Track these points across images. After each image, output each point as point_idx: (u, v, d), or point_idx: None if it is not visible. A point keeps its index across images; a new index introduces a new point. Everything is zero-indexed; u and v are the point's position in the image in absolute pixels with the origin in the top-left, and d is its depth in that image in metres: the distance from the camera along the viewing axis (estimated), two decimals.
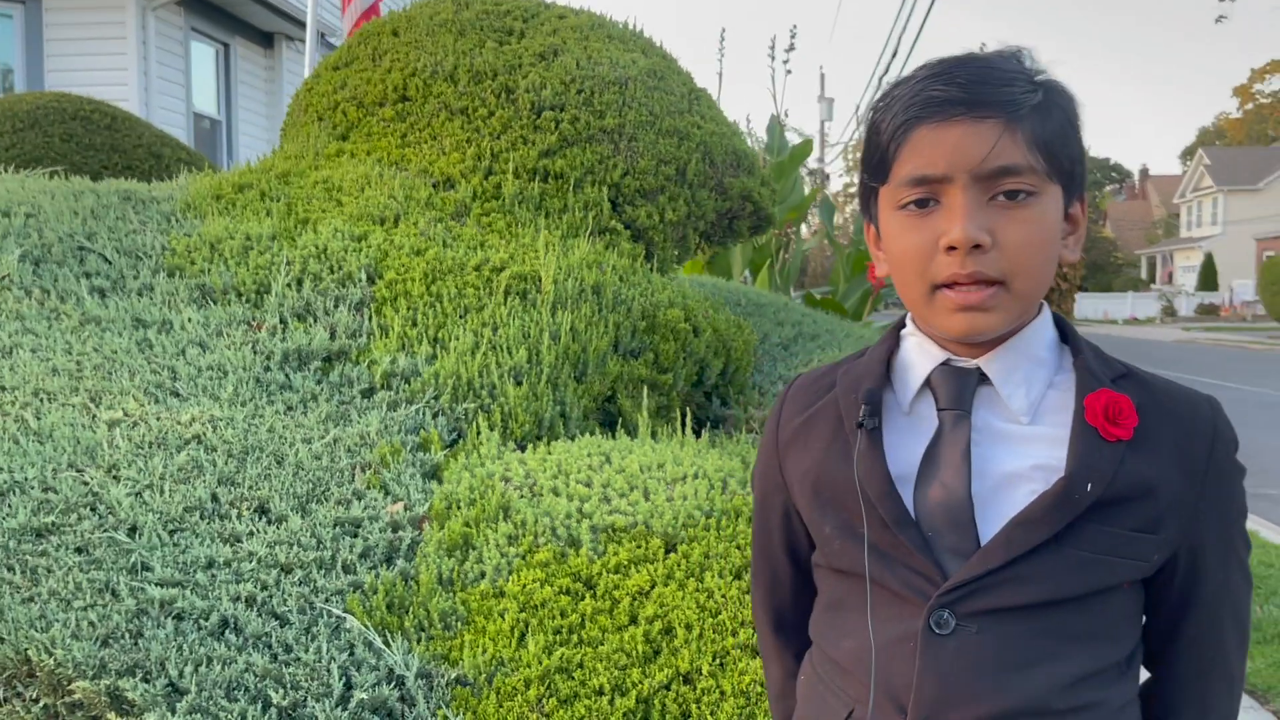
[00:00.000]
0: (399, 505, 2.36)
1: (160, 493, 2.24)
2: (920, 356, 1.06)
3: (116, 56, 10.36)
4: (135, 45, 10.38)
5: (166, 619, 1.93)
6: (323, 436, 2.55)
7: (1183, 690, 1.07)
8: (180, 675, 1.80)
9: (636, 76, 3.90)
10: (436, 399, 2.78)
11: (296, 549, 2.14)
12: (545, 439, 2.76)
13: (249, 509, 2.26)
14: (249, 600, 2.01)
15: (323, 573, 2.11)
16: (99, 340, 2.89)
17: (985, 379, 1.02)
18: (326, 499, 2.33)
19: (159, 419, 2.51)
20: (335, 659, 1.90)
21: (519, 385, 2.84)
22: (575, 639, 1.99)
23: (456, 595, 2.10)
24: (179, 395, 2.69)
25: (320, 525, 2.23)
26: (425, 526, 2.31)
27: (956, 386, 1.03)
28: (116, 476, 2.28)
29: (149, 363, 2.81)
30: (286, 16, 12.26)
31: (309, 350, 2.90)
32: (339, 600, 2.05)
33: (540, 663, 1.92)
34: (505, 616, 2.02)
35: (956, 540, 0.99)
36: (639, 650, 1.96)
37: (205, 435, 2.46)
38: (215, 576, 2.05)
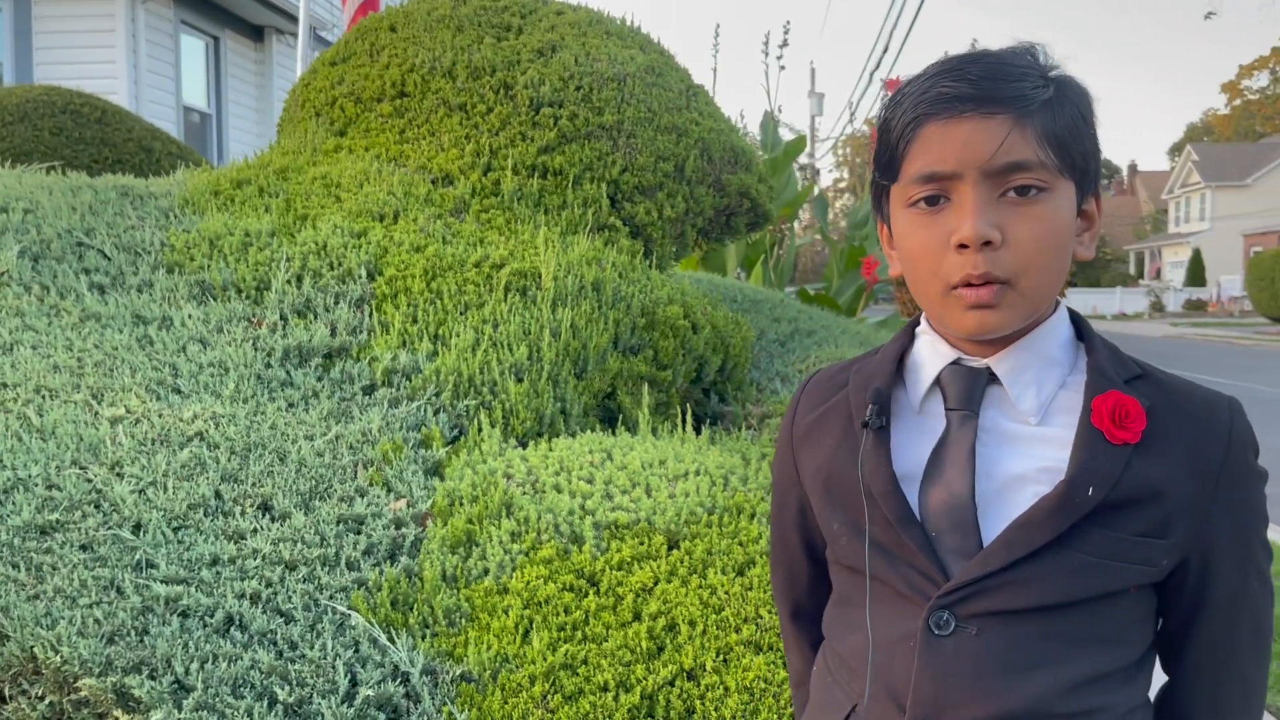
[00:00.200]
0: (402, 502, 2.36)
1: (164, 490, 2.24)
2: (931, 355, 1.05)
3: (106, 49, 10.31)
4: (125, 38, 10.33)
5: (172, 616, 1.92)
6: (325, 433, 2.55)
7: (1195, 696, 1.06)
8: (186, 672, 1.80)
9: (635, 73, 3.89)
10: (438, 396, 2.78)
11: (300, 546, 2.14)
12: (546, 436, 2.76)
13: (252, 506, 2.26)
14: (254, 597, 2.01)
15: (327, 570, 2.11)
16: (99, 337, 2.88)
17: (995, 378, 1.01)
18: (329, 496, 2.33)
19: (161, 416, 2.50)
20: (340, 656, 1.90)
21: (520, 382, 2.84)
22: (579, 635, 1.99)
23: (460, 592, 2.10)
24: (180, 392, 2.69)
25: (324, 522, 2.23)
26: (428, 523, 2.32)
27: (965, 386, 1.02)
28: (120, 474, 2.27)
29: (150, 359, 2.80)
30: (277, 10, 12.22)
31: (310, 347, 2.90)
32: (343, 597, 2.05)
33: (545, 659, 1.92)
34: (509, 613, 2.02)
35: (959, 541, 0.99)
36: (643, 646, 1.96)
37: (208, 432, 2.46)
38: (220, 574, 2.05)
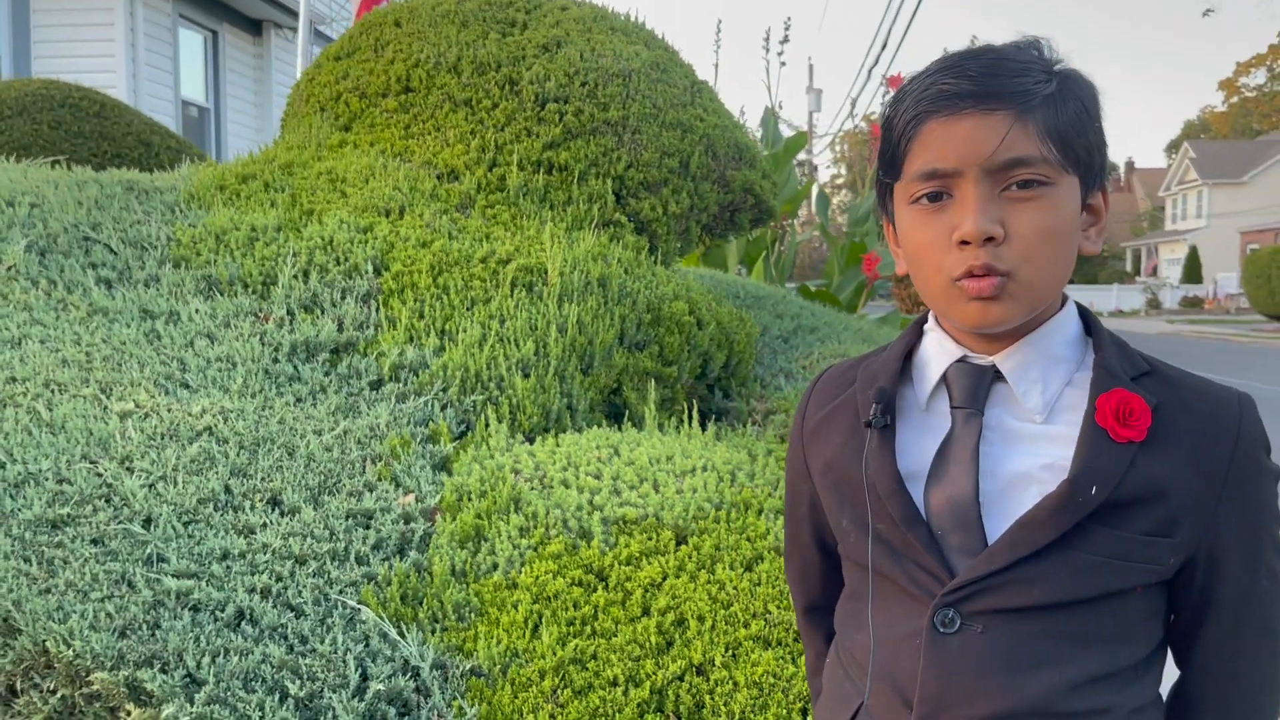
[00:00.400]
0: (410, 497, 2.37)
1: (174, 484, 2.24)
2: (938, 352, 1.05)
3: (104, 43, 10.29)
4: (123, 31, 10.30)
5: (183, 610, 1.93)
6: (333, 428, 2.56)
7: (1203, 694, 1.06)
8: (198, 666, 1.81)
9: (640, 69, 3.89)
10: (445, 391, 2.78)
11: (310, 540, 2.15)
12: (553, 431, 2.77)
13: (262, 500, 2.26)
14: (264, 592, 2.01)
15: (336, 564, 2.12)
16: (107, 331, 2.88)
17: (1001, 376, 1.01)
18: (338, 491, 2.34)
19: (170, 410, 2.50)
20: (351, 650, 1.91)
21: (526, 378, 2.84)
22: (588, 630, 2.00)
23: (470, 587, 2.11)
24: (189, 387, 2.69)
25: (333, 517, 2.24)
26: (437, 518, 2.32)
27: (970, 384, 1.02)
28: (130, 468, 2.28)
29: (158, 354, 2.80)
30: (275, 4, 12.20)
31: (317, 342, 2.90)
32: (353, 591, 2.06)
33: (554, 654, 1.93)
34: (519, 608, 2.03)
35: (964, 540, 0.99)
36: (652, 641, 1.97)
37: (216, 427, 2.47)
38: (230, 568, 2.05)
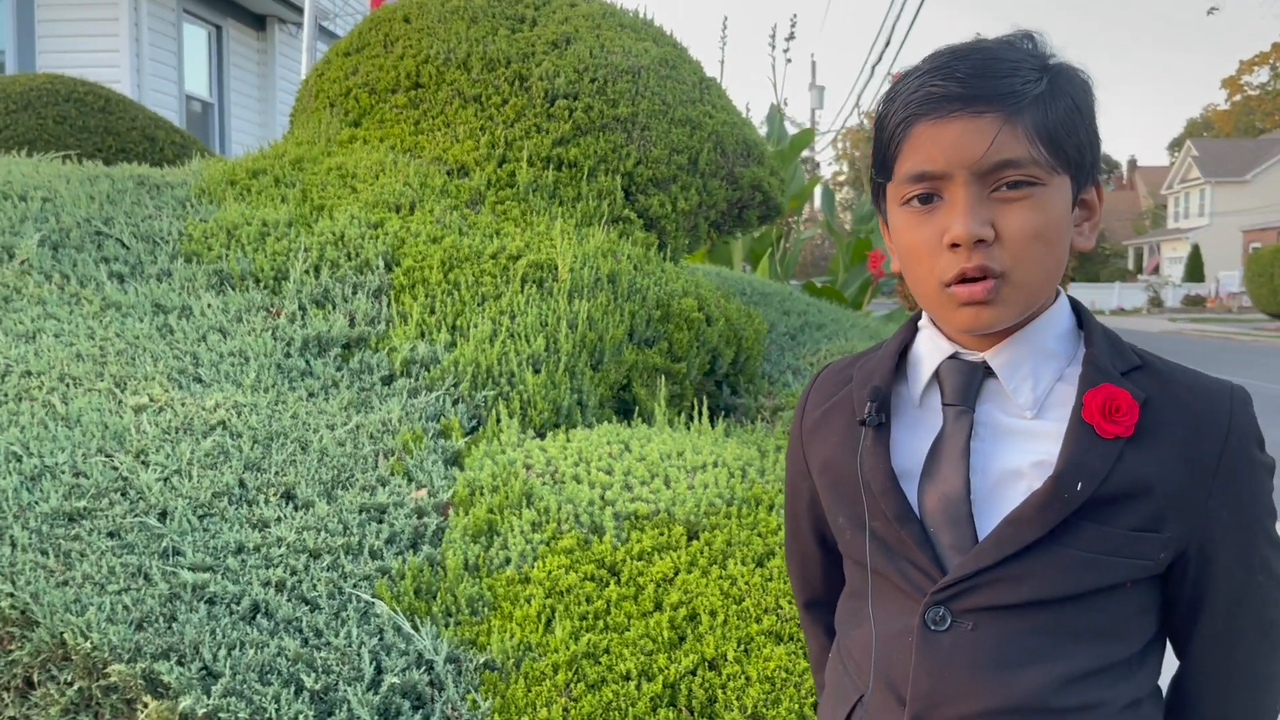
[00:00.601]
0: (423, 491, 2.38)
1: (189, 478, 2.25)
2: (931, 349, 1.05)
3: (109, 38, 10.28)
4: (127, 26, 10.30)
5: (199, 603, 1.94)
6: (345, 423, 2.57)
7: (1200, 689, 1.06)
8: (214, 659, 1.82)
9: (649, 65, 3.90)
10: (456, 386, 2.79)
11: (324, 534, 2.16)
12: (563, 427, 2.78)
13: (276, 495, 2.27)
14: (279, 585, 2.03)
15: (350, 558, 2.13)
16: (120, 325, 2.89)
17: (992, 372, 1.01)
18: (351, 485, 2.35)
19: (184, 405, 2.52)
20: (365, 643, 1.92)
21: (537, 373, 2.86)
22: (601, 625, 2.01)
23: (483, 581, 2.12)
24: (202, 381, 2.70)
25: (346, 511, 2.25)
26: (449, 512, 2.33)
27: (961, 381, 1.02)
28: (145, 462, 2.29)
29: (171, 348, 2.81)
30: None
31: (329, 337, 2.91)
32: (367, 585, 2.07)
33: (567, 648, 1.94)
34: (532, 602, 2.04)
35: (955, 537, 0.99)
36: (664, 636, 1.98)
37: (230, 421, 2.48)
38: (245, 561, 2.06)
